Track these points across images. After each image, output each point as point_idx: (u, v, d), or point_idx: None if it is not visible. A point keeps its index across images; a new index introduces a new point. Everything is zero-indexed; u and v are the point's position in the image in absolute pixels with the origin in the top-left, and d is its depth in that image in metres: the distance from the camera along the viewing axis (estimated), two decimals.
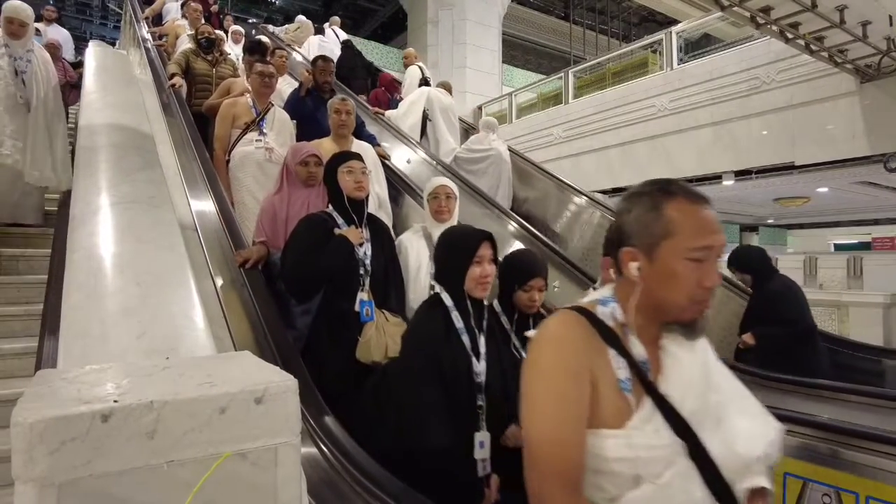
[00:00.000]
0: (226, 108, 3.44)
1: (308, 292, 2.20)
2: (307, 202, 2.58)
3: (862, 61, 6.34)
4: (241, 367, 0.94)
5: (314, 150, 2.66)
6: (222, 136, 3.39)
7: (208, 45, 4.74)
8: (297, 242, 2.19)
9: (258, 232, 2.54)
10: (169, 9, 7.39)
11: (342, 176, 2.28)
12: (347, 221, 2.28)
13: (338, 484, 1.39)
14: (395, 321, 2.18)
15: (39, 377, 0.87)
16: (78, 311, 1.28)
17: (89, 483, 0.69)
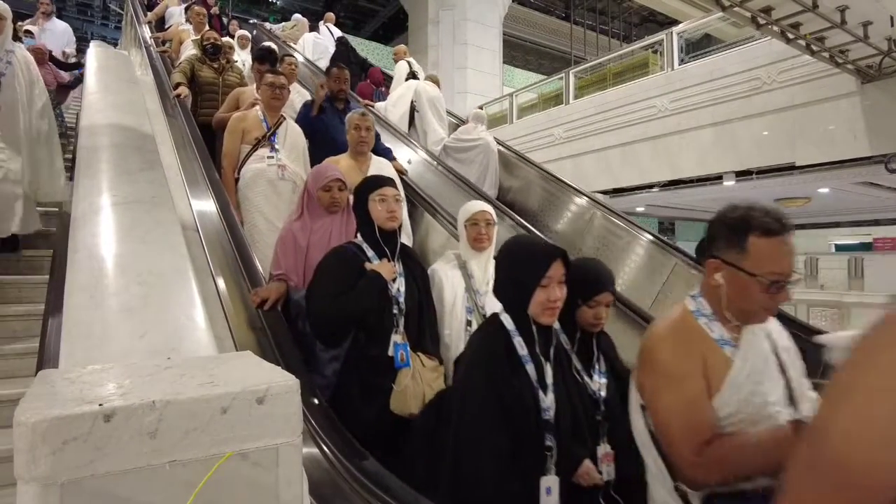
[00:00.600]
0: (235, 122, 3.23)
1: (338, 336, 1.96)
2: (329, 231, 2.34)
3: (863, 62, 6.35)
4: (242, 368, 0.94)
5: (338, 174, 2.39)
6: (231, 151, 3.17)
7: (214, 51, 4.53)
8: (324, 280, 1.97)
9: (275, 265, 2.29)
10: (172, 13, 7.16)
11: (374, 204, 2.06)
12: (378, 254, 2.05)
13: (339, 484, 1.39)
14: (432, 365, 1.99)
15: (41, 377, 0.87)
16: (80, 311, 1.28)
17: (91, 483, 0.69)
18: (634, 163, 9.76)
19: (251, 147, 3.17)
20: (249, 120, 3.24)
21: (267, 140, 3.18)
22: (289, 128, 3.35)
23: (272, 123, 3.26)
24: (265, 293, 2.11)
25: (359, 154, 3.16)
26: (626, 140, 9.88)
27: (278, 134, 3.25)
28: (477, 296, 2.24)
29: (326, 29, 8.06)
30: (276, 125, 3.27)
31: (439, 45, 13.93)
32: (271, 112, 3.29)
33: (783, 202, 11.75)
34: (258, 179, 3.07)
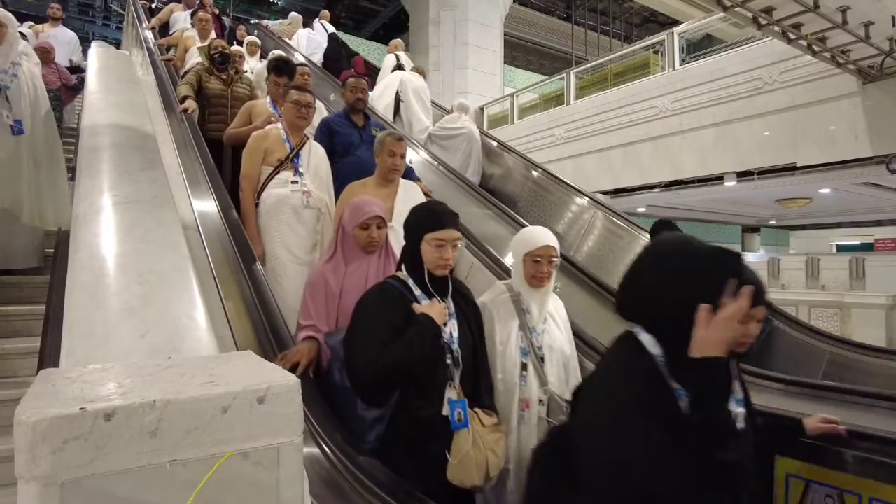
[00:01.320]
0: (256, 141, 2.95)
1: (384, 393, 1.68)
2: (366, 274, 2.06)
3: (864, 62, 6.34)
4: (243, 367, 0.94)
5: (379, 211, 2.08)
6: (251, 174, 2.88)
7: (223, 61, 4.24)
8: (367, 325, 1.70)
9: (304, 312, 2.01)
10: (177, 18, 6.89)
11: (428, 247, 1.75)
12: (426, 293, 1.78)
13: (340, 484, 1.39)
14: (492, 423, 1.73)
15: (42, 376, 0.87)
16: (81, 311, 1.28)
17: (92, 482, 0.69)
18: (636, 163, 9.76)
19: (273, 169, 2.88)
20: (271, 139, 2.96)
21: (290, 162, 2.90)
22: (312, 149, 3.07)
23: (295, 144, 2.98)
24: (294, 357, 1.79)
25: (389, 181, 2.87)
26: (627, 140, 9.88)
27: (302, 155, 2.97)
28: (533, 334, 2.02)
29: (321, 25, 8.31)
30: (299, 145, 2.99)
31: (440, 46, 13.93)
32: (295, 132, 3.01)
33: (784, 202, 11.75)
34: (281, 206, 2.79)
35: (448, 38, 13.89)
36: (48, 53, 6.14)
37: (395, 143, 2.84)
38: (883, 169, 6.90)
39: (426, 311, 1.70)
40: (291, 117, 2.98)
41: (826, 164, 7.44)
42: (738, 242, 18.30)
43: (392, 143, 2.84)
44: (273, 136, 2.97)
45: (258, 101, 3.87)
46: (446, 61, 13.84)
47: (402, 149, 2.86)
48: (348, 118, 3.64)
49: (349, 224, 2.08)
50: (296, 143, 2.99)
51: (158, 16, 6.99)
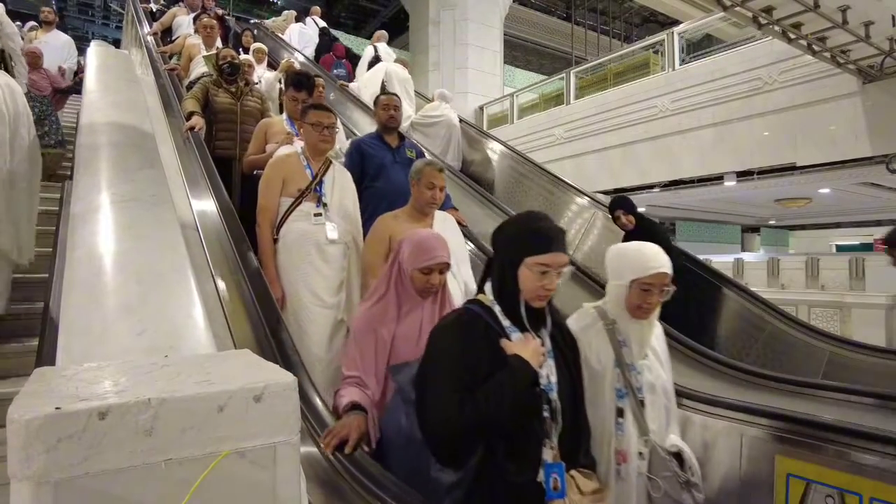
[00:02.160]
0: (274, 169, 2.65)
1: (465, 452, 1.33)
2: (420, 321, 1.77)
3: (864, 62, 6.34)
4: (240, 366, 0.93)
5: (447, 257, 1.78)
6: (269, 206, 2.57)
7: (232, 72, 3.91)
8: (445, 366, 1.36)
9: (349, 362, 1.75)
10: (180, 23, 6.52)
11: (529, 273, 1.36)
12: (517, 324, 1.40)
13: (337, 483, 1.38)
14: (592, 489, 1.38)
15: (37, 375, 0.86)
16: (78, 309, 1.27)
17: (86, 481, 0.68)
18: (635, 163, 9.76)
19: (293, 201, 2.57)
20: (290, 165, 2.65)
21: (312, 191, 2.60)
22: (336, 174, 2.74)
23: (317, 169, 2.67)
24: (342, 431, 1.49)
25: (423, 214, 2.57)
26: (626, 140, 9.88)
27: (325, 183, 2.66)
28: (632, 372, 1.66)
29: (312, 21, 8.66)
30: (322, 171, 2.68)
31: (440, 45, 13.94)
32: (316, 156, 2.70)
33: (784, 202, 11.75)
34: (303, 243, 2.51)
35: (448, 38, 13.89)
36: (37, 59, 5.96)
37: (435, 175, 2.50)
38: (883, 169, 6.90)
39: (519, 350, 1.35)
40: (312, 141, 2.68)
41: (826, 164, 7.44)
42: (738, 242, 18.31)
43: (432, 174, 2.49)
44: (292, 162, 2.67)
45: (273, 119, 3.53)
46: (446, 61, 13.84)
47: (442, 181, 2.54)
48: (381, 138, 3.33)
49: (409, 264, 1.77)
50: (318, 168, 2.68)
51: (161, 20, 6.65)
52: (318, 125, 2.66)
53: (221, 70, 3.95)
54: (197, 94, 3.80)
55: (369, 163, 3.19)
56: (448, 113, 5.49)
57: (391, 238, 2.36)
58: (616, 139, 10.07)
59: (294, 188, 2.59)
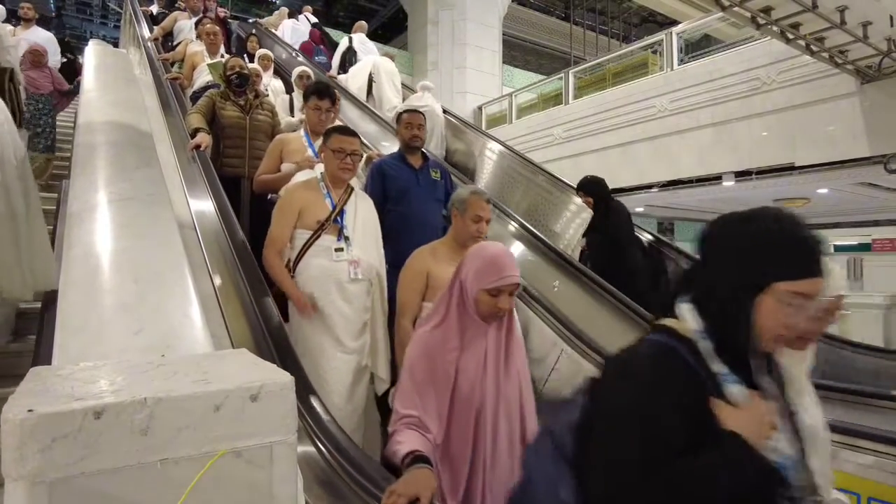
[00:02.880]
0: (290, 197, 2.44)
1: None
2: (484, 350, 1.54)
3: (862, 62, 6.34)
4: (237, 365, 0.93)
5: (518, 278, 1.54)
6: (280, 237, 2.36)
7: (241, 83, 3.61)
8: (636, 421, 0.92)
9: (405, 399, 1.48)
10: (181, 27, 6.21)
11: (777, 306, 0.91)
12: (741, 374, 0.94)
13: (334, 482, 1.38)
14: None
15: (33, 374, 0.86)
16: (75, 308, 1.27)
17: (81, 481, 0.68)
18: (634, 163, 9.77)
19: (311, 233, 2.35)
20: (309, 193, 2.43)
21: (332, 222, 2.38)
22: (358, 203, 2.52)
23: (338, 198, 2.45)
24: (408, 490, 1.22)
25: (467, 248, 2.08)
26: (625, 140, 9.89)
27: (347, 213, 2.43)
28: None
29: (304, 17, 8.79)
30: (344, 200, 2.46)
31: (439, 45, 13.93)
32: (337, 184, 2.47)
33: (782, 202, 11.76)
34: (323, 282, 2.29)
35: (446, 38, 13.89)
36: (40, 56, 5.82)
37: (482, 207, 2.25)
38: (881, 169, 6.91)
39: (741, 423, 0.90)
40: (333, 169, 2.43)
41: (824, 165, 7.45)
42: None
43: (479, 205, 2.24)
44: (311, 190, 2.44)
45: (290, 135, 3.21)
46: (445, 61, 13.83)
47: (489, 213, 2.30)
48: (403, 159, 3.10)
49: (475, 284, 1.53)
50: (339, 197, 2.45)
51: (162, 24, 6.31)
52: (340, 151, 2.40)
53: (229, 81, 3.63)
54: (202, 108, 3.50)
55: (391, 186, 2.96)
56: (431, 104, 5.62)
57: (429, 275, 2.19)
58: (614, 139, 10.07)
59: (313, 219, 2.35)
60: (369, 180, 3.05)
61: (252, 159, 3.46)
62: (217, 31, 4.98)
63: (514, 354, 1.62)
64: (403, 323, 2.20)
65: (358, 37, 6.96)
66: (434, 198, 3.03)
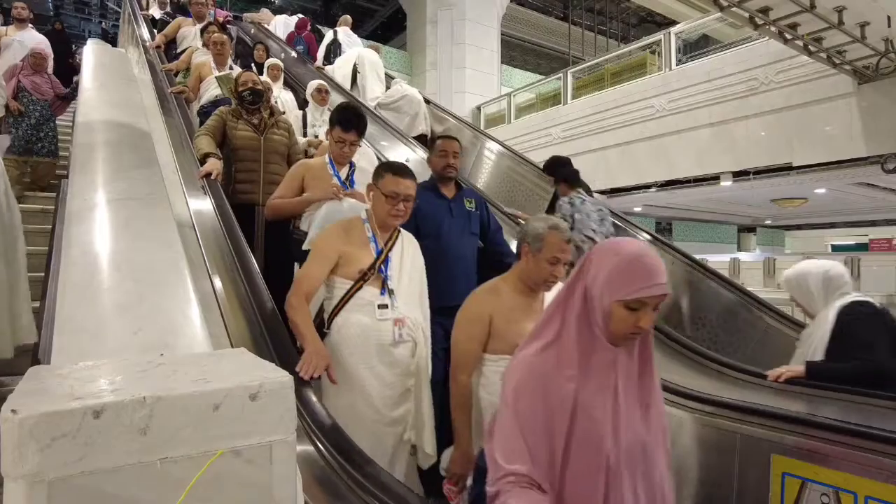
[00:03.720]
0: (334, 238, 2.09)
1: None
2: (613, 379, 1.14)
3: (860, 62, 6.36)
4: (236, 364, 0.93)
5: (664, 287, 1.13)
6: (312, 279, 2.03)
7: (254, 100, 3.25)
8: None
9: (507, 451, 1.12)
10: (185, 34, 5.77)
11: None
12: None
13: (334, 482, 1.38)
14: None
15: (31, 373, 0.86)
16: (73, 308, 1.27)
17: (80, 480, 0.68)
18: (632, 163, 9.79)
19: (352, 284, 2.04)
20: (352, 238, 2.10)
21: (377, 271, 2.06)
22: (405, 247, 2.20)
23: (384, 244, 2.12)
24: None
25: (534, 291, 1.93)
26: (623, 140, 9.91)
27: (392, 260, 2.12)
28: None
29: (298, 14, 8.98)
30: (389, 246, 2.14)
31: (437, 45, 13.94)
32: (385, 229, 2.15)
33: (780, 202, 11.79)
34: (363, 343, 1.99)
35: (445, 38, 13.90)
36: (43, 61, 5.65)
37: (563, 248, 1.84)
38: (878, 169, 6.94)
39: None
40: (383, 214, 2.09)
41: (821, 164, 7.48)
42: (735, 242, 18.36)
43: (560, 246, 1.83)
44: (355, 233, 2.12)
45: (314, 161, 2.85)
46: (443, 60, 13.84)
47: (570, 254, 1.91)
48: (435, 189, 2.78)
49: (608, 293, 1.12)
50: (384, 242, 2.14)
51: (164, 32, 5.86)
52: (393, 196, 2.06)
53: (241, 98, 3.26)
54: (212, 128, 3.15)
55: (423, 219, 2.58)
56: (409, 90, 5.84)
57: (492, 319, 1.87)
58: (613, 139, 10.09)
59: (354, 268, 2.04)
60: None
61: (267, 184, 3.13)
62: (225, 40, 4.62)
63: (653, 390, 1.21)
64: (461, 378, 1.89)
65: (343, 30, 7.10)
66: (469, 230, 2.75)
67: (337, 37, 6.94)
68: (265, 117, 3.30)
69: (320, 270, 2.04)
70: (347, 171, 2.76)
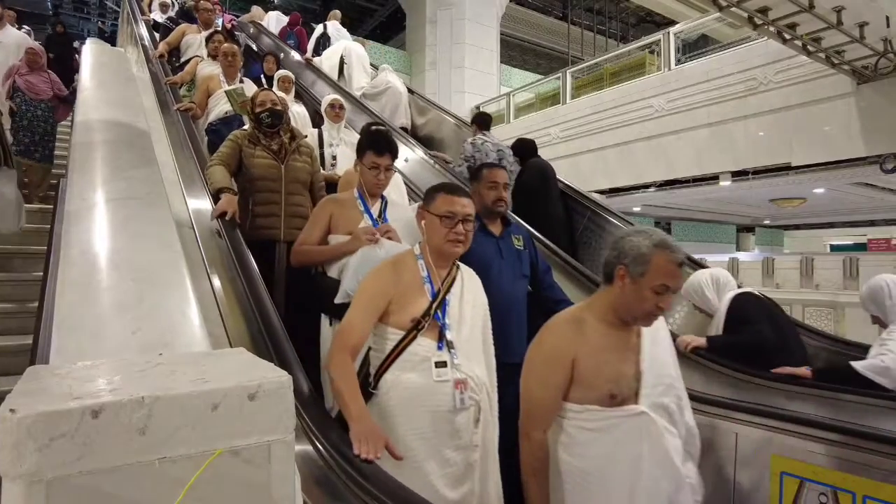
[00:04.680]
0: (384, 280, 1.75)
1: None
2: None
3: (859, 62, 6.37)
4: (234, 364, 0.93)
5: None
6: (358, 330, 1.68)
7: (274, 122, 2.88)
8: None
9: None
10: (190, 42, 5.39)
11: None
12: None
13: (332, 481, 1.38)
14: None
15: (30, 373, 0.86)
16: (72, 307, 1.27)
17: (79, 480, 0.68)
18: (631, 162, 9.79)
19: (404, 335, 1.69)
20: (404, 279, 1.76)
21: (432, 318, 1.71)
22: (465, 284, 1.86)
23: (440, 283, 1.79)
24: None
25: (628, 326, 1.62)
26: (622, 140, 9.91)
27: (450, 302, 1.78)
28: None
29: None
30: (446, 288, 1.79)
31: (437, 45, 13.94)
32: (442, 263, 1.83)
33: (779, 202, 11.80)
34: (415, 409, 1.64)
35: (445, 37, 13.90)
36: (38, 57, 5.43)
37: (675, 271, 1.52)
38: (876, 169, 6.95)
39: None
40: (439, 241, 1.79)
41: (820, 164, 7.49)
42: (733, 242, 18.38)
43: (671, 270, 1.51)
44: (406, 273, 1.77)
45: (343, 196, 2.45)
46: (443, 60, 13.84)
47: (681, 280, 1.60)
48: (482, 226, 2.35)
49: None
50: (441, 281, 1.80)
51: (167, 40, 5.39)
52: (450, 217, 1.76)
53: (259, 120, 2.89)
54: (226, 156, 2.77)
55: (471, 260, 2.06)
56: (393, 82, 6.08)
57: (576, 360, 1.54)
58: (612, 139, 10.09)
59: (406, 315, 1.69)
60: None
61: (289, 217, 2.79)
62: (236, 51, 4.24)
63: None
64: (535, 436, 1.57)
65: (332, 24, 7.36)
66: (521, 272, 2.41)
67: (326, 30, 7.22)
68: (286, 142, 2.92)
69: (367, 320, 1.69)
70: (380, 206, 2.38)
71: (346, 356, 1.60)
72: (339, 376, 1.57)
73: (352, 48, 6.67)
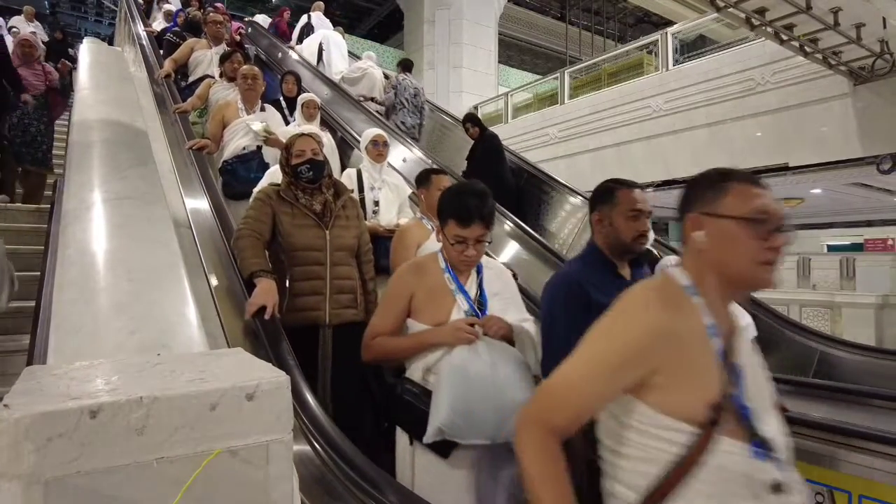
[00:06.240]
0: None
1: None
2: None
3: (856, 63, 6.39)
4: (232, 364, 0.93)
5: None
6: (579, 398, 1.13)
7: (315, 176, 2.30)
8: None
9: None
10: (199, 59, 4.85)
11: None
12: None
13: (330, 481, 1.38)
14: None
15: (27, 373, 0.86)
16: (69, 307, 1.27)
17: (77, 480, 0.68)
18: (629, 163, 9.79)
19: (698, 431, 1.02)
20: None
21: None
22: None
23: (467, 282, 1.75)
24: None
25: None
26: (620, 140, 9.92)
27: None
28: None
29: None
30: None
31: (434, 45, 13.94)
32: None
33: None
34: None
35: (442, 37, 13.90)
36: (32, 49, 5.13)
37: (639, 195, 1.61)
38: (873, 170, 6.96)
39: None
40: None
41: (817, 165, 7.50)
42: None
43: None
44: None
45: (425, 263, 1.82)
46: (441, 60, 13.84)
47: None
48: (607, 265, 1.75)
49: None
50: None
51: (173, 57, 4.78)
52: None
53: (297, 173, 2.30)
54: (258, 222, 2.21)
55: (600, 309, 1.22)
56: (370, 69, 6.50)
57: None
58: (610, 139, 10.10)
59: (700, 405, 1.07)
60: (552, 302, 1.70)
61: (335, 294, 2.26)
62: (258, 73, 3.72)
63: None
64: None
65: (316, 14, 7.81)
66: None
67: (310, 20, 7.66)
68: (329, 199, 2.35)
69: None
70: (476, 284, 1.79)
71: (551, 439, 0.97)
72: (534, 463, 0.96)
73: (329, 36, 7.17)
